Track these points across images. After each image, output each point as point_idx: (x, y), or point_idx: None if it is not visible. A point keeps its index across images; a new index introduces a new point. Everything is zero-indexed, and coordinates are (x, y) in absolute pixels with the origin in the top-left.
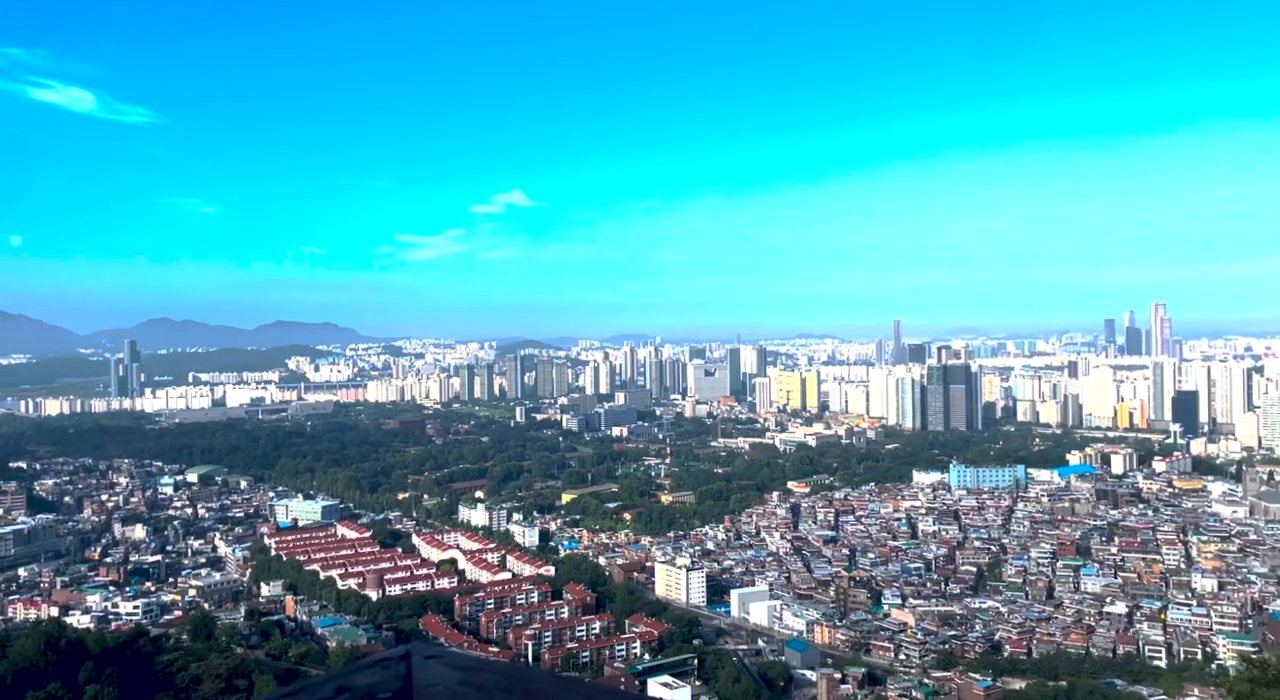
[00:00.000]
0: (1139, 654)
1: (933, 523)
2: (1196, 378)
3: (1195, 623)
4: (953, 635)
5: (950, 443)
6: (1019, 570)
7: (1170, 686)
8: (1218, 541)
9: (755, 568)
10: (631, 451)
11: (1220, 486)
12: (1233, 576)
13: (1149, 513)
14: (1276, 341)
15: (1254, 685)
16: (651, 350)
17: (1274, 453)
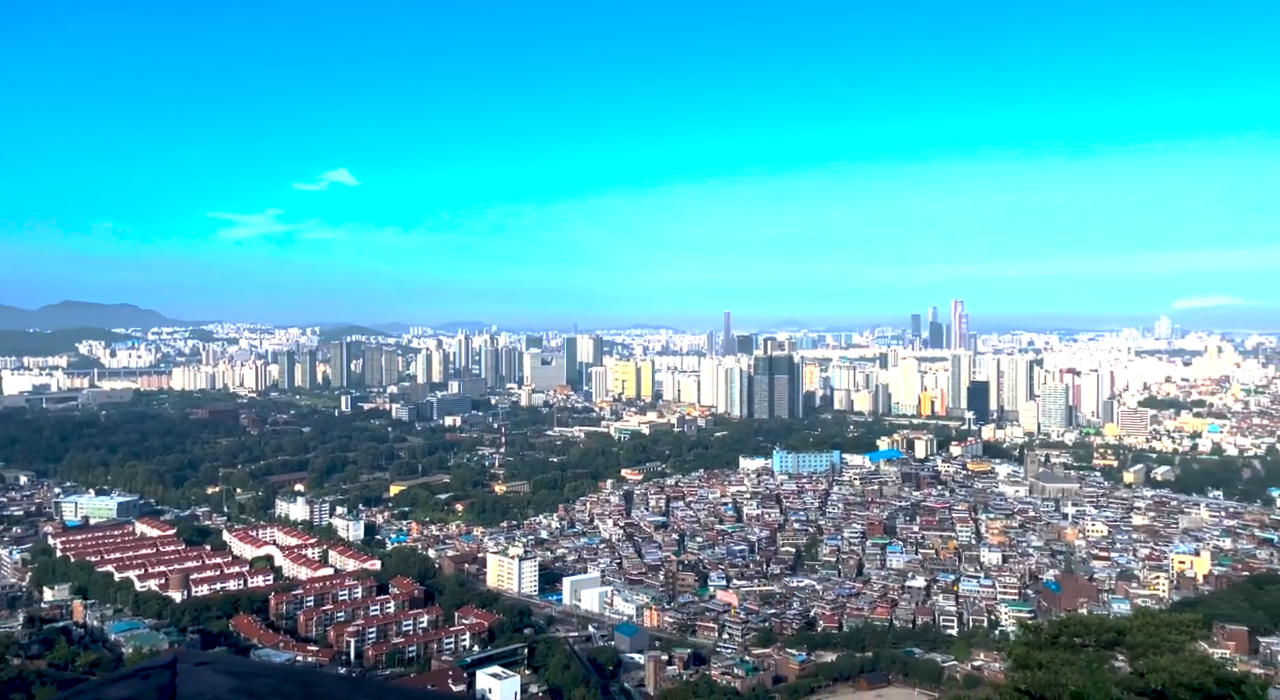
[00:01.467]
0: (935, 623)
1: (757, 507)
2: (988, 370)
3: (982, 593)
4: (772, 613)
5: (774, 430)
6: (833, 550)
7: (960, 652)
8: (1003, 518)
9: (588, 555)
10: (465, 441)
11: (1006, 468)
12: (1014, 550)
13: (946, 493)
14: (1054, 337)
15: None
16: (487, 338)
17: (1051, 437)
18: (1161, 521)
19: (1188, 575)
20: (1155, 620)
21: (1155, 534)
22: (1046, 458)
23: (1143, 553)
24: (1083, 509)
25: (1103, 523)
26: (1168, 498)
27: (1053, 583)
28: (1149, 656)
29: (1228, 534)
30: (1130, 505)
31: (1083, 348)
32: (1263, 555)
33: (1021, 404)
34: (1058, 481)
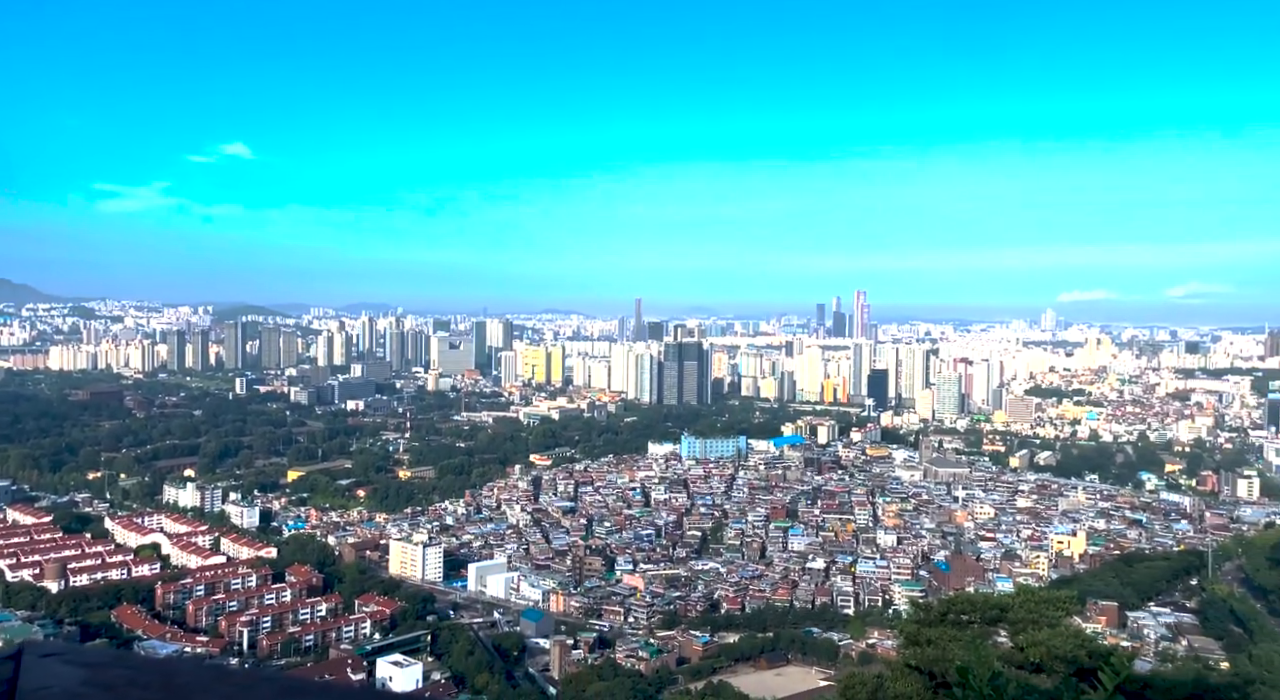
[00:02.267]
0: (833, 603)
1: (664, 491)
2: (887, 358)
3: (878, 574)
4: (677, 596)
5: (683, 416)
6: (738, 533)
7: (856, 631)
8: (898, 502)
9: (495, 541)
10: (368, 426)
11: (903, 454)
12: (909, 532)
13: (846, 478)
14: (949, 327)
15: (919, 626)
16: (392, 320)
17: (945, 424)
18: (1043, 504)
19: (1065, 554)
20: (1035, 597)
21: (1037, 516)
22: (940, 443)
23: (1025, 533)
24: (972, 492)
25: (990, 505)
26: (1049, 481)
27: (943, 563)
28: (1028, 632)
29: (1102, 515)
30: (1015, 488)
31: (975, 338)
32: (1132, 535)
33: (918, 392)
34: (950, 466)
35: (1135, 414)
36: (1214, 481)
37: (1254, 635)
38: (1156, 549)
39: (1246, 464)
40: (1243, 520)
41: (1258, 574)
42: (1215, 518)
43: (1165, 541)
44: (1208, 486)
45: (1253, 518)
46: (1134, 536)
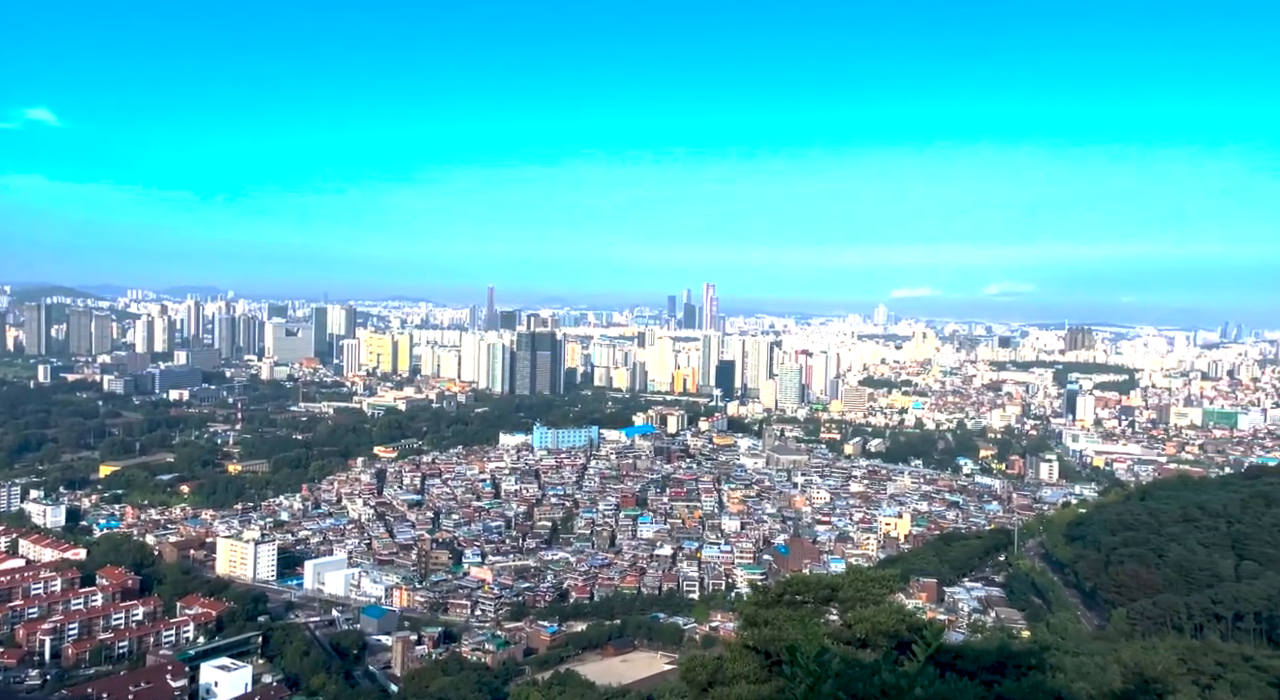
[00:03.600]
0: (679, 589)
1: (515, 482)
2: (734, 350)
3: (722, 558)
4: (526, 587)
5: (535, 406)
6: (588, 522)
7: (700, 615)
8: (742, 488)
9: (335, 536)
10: (194, 417)
11: (747, 442)
12: (751, 517)
13: (694, 466)
14: (791, 320)
15: (757, 607)
16: (222, 305)
17: (787, 413)
18: (874, 488)
19: (892, 535)
20: (863, 577)
21: (868, 499)
22: (782, 432)
23: (857, 516)
24: (810, 478)
25: (826, 490)
26: (879, 467)
27: (782, 546)
28: (856, 609)
29: (925, 498)
30: (849, 474)
31: (815, 331)
32: (951, 516)
33: (762, 382)
34: (791, 454)
35: (955, 403)
36: (1021, 465)
37: (1051, 605)
38: (971, 528)
39: (1048, 449)
40: (1044, 501)
41: (1056, 549)
42: (1021, 499)
43: (979, 521)
44: (1015, 470)
45: (1052, 498)
46: (952, 517)
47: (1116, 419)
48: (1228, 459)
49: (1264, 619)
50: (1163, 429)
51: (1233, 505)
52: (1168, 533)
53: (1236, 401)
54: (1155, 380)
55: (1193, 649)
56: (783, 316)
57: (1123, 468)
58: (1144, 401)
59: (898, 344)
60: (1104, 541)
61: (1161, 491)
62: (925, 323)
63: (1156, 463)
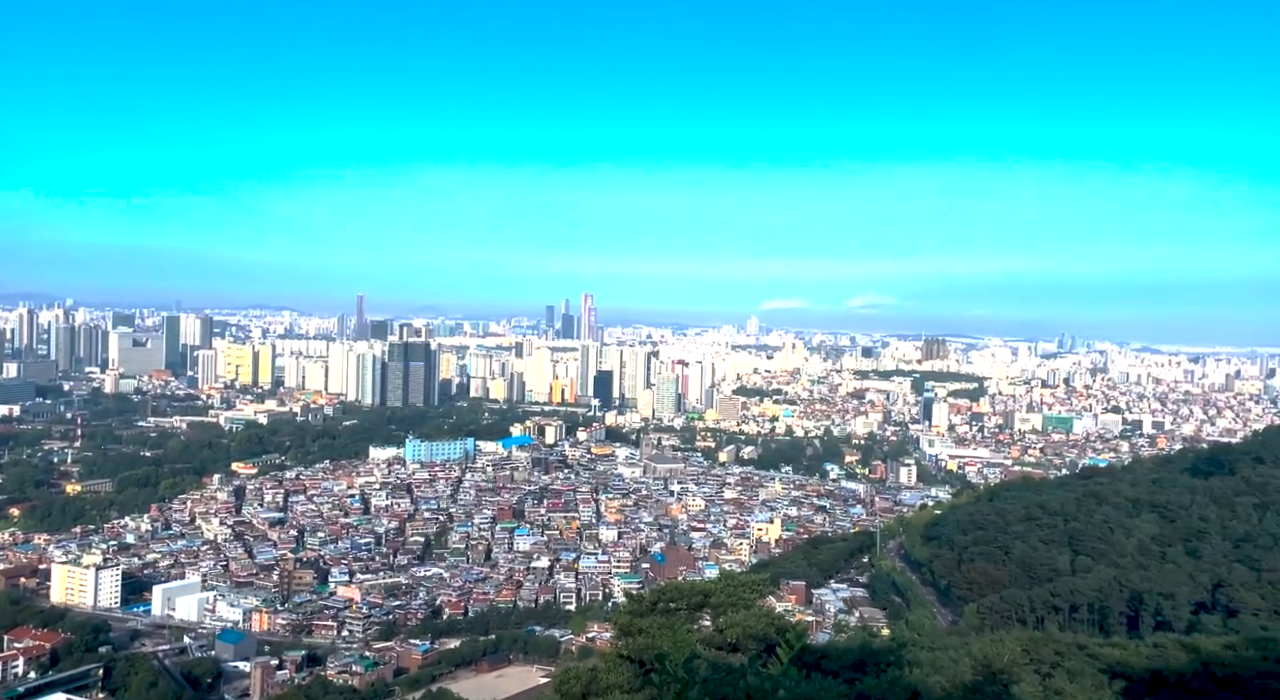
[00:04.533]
0: (556, 601)
1: (386, 497)
2: (612, 360)
3: (599, 568)
4: (397, 605)
5: (408, 418)
6: (463, 536)
7: (577, 626)
8: (620, 498)
9: (187, 559)
10: (26, 434)
11: (625, 451)
12: (629, 526)
13: (572, 476)
14: (668, 331)
15: (632, 616)
16: (59, 313)
17: (664, 422)
18: (747, 495)
19: (764, 540)
20: (734, 582)
21: (741, 505)
22: (659, 441)
23: (731, 523)
24: (686, 486)
25: (701, 497)
26: (752, 474)
27: (659, 554)
28: (728, 614)
29: (794, 503)
30: (723, 481)
31: (691, 341)
32: (818, 520)
33: (640, 392)
34: (667, 462)
35: (822, 411)
36: (882, 470)
37: (910, 603)
38: (837, 531)
39: (907, 454)
40: (903, 503)
41: (914, 549)
42: (883, 502)
43: (844, 524)
44: (878, 474)
45: (911, 500)
46: (820, 521)
47: (968, 424)
48: (1064, 461)
49: (1096, 610)
50: (1008, 433)
51: (1069, 504)
52: (1013, 531)
53: (1071, 407)
54: (1002, 388)
55: (1035, 640)
56: (660, 327)
57: (973, 471)
58: (992, 408)
59: (769, 354)
60: (957, 541)
61: (1007, 492)
62: (795, 334)
63: (1003, 465)
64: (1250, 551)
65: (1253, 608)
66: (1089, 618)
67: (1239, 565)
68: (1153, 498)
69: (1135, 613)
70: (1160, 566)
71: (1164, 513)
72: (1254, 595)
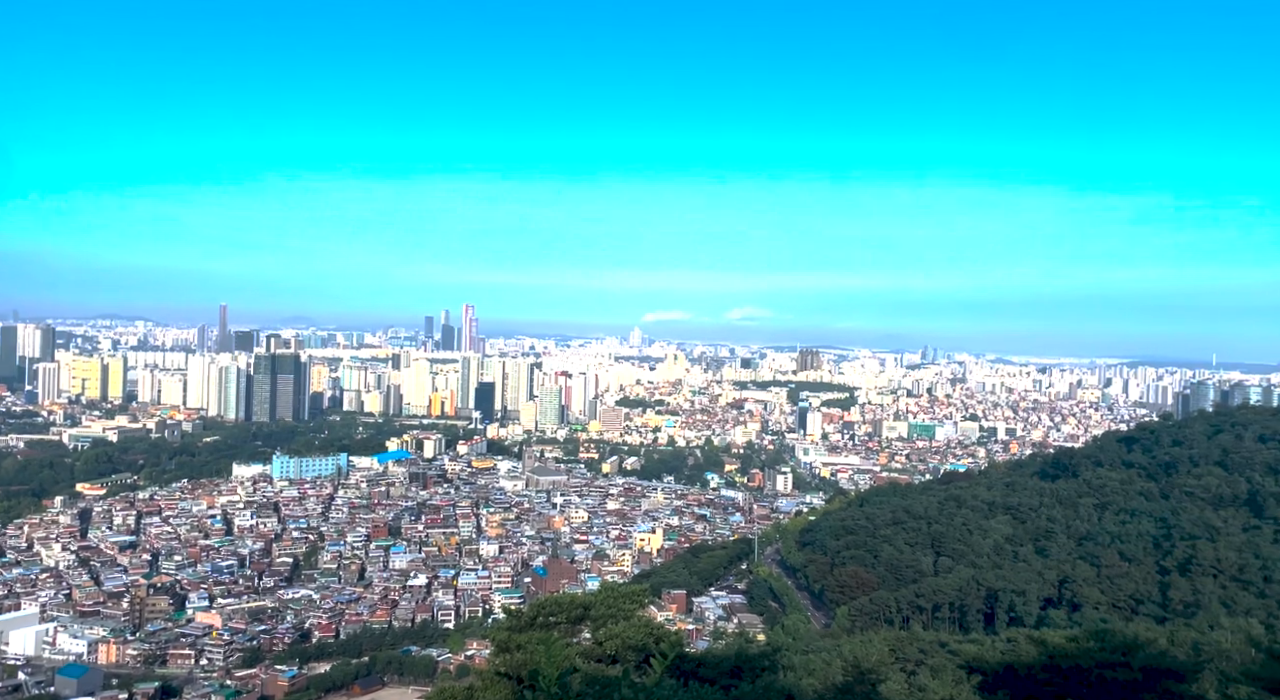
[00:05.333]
0: (433, 619)
1: (251, 517)
2: (494, 372)
3: (479, 584)
4: (262, 630)
5: (276, 434)
6: (335, 556)
7: (455, 644)
8: (501, 511)
9: (24, 588)
10: None
11: (507, 464)
12: (510, 540)
13: (451, 491)
14: (551, 342)
15: (510, 632)
16: None
17: (546, 434)
18: (629, 505)
19: (646, 550)
20: (614, 593)
21: (624, 516)
22: (542, 453)
23: (614, 533)
24: (569, 498)
25: (584, 509)
26: (635, 484)
27: (541, 568)
28: (607, 626)
29: (676, 513)
30: (606, 492)
31: (575, 353)
32: (700, 529)
33: (523, 404)
34: (550, 474)
35: (703, 421)
36: (760, 478)
37: (786, 608)
38: (718, 539)
39: (784, 462)
40: (780, 510)
41: (790, 555)
42: (761, 509)
43: (724, 532)
44: (756, 482)
45: (787, 507)
46: (701, 530)
47: (840, 433)
48: (928, 466)
49: (956, 608)
50: (877, 441)
51: (932, 508)
52: (881, 535)
53: (934, 415)
54: (871, 397)
55: (901, 639)
56: (543, 338)
57: (845, 477)
58: (862, 417)
59: (652, 365)
60: (829, 546)
61: (876, 498)
62: (677, 345)
63: (873, 471)
64: (1091, 549)
65: (1093, 602)
66: (950, 616)
67: (1081, 562)
68: (1006, 500)
69: (991, 610)
70: (1013, 565)
71: (1016, 514)
72: (1094, 590)
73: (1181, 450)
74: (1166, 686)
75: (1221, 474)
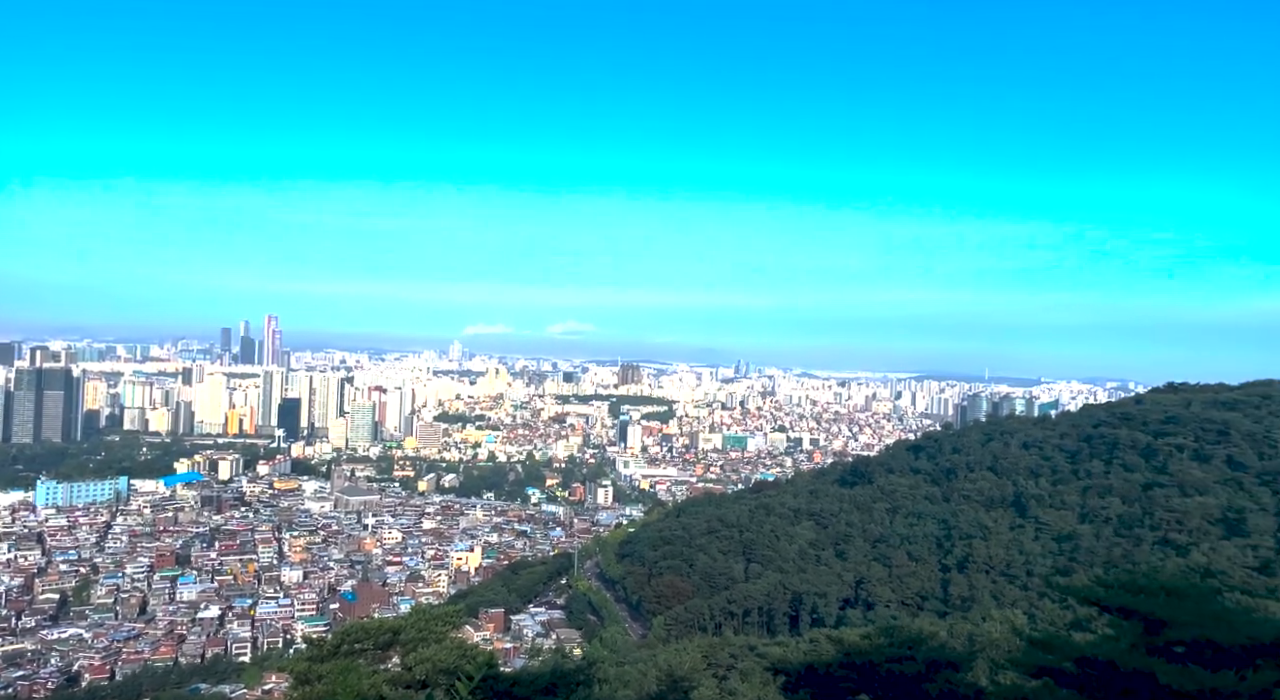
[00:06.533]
0: (227, 653)
1: (8, 550)
2: (301, 387)
3: (280, 614)
4: (20, 676)
5: (42, 456)
6: (111, 589)
7: (250, 679)
8: (306, 535)
9: None
10: None
11: (314, 485)
12: (316, 565)
13: (250, 515)
14: (364, 356)
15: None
16: None
17: (358, 452)
18: (447, 524)
19: (463, 570)
20: (425, 616)
21: (441, 535)
22: (353, 472)
23: (430, 554)
24: (382, 519)
25: (398, 530)
26: (453, 502)
27: (350, 593)
28: (418, 650)
29: (495, 530)
30: (422, 511)
31: (390, 367)
32: (520, 545)
33: (332, 420)
34: (361, 494)
35: (525, 436)
36: (582, 492)
37: (604, 621)
38: (538, 555)
39: (605, 475)
40: (601, 523)
41: (609, 568)
42: (581, 523)
43: (545, 548)
44: (577, 496)
45: (607, 520)
46: (521, 546)
47: (659, 445)
48: (740, 476)
49: (764, 612)
50: (694, 453)
51: (743, 516)
52: (696, 544)
53: (746, 427)
54: (688, 410)
55: (713, 646)
56: (355, 352)
57: (663, 489)
58: (679, 429)
59: (472, 379)
60: (647, 557)
61: (693, 508)
62: (498, 359)
63: (689, 483)
64: (884, 550)
65: (885, 600)
66: (759, 620)
67: (876, 563)
68: (810, 507)
69: (796, 612)
70: (816, 569)
71: (819, 520)
72: (886, 589)
73: (959, 457)
74: (946, 676)
75: (992, 478)
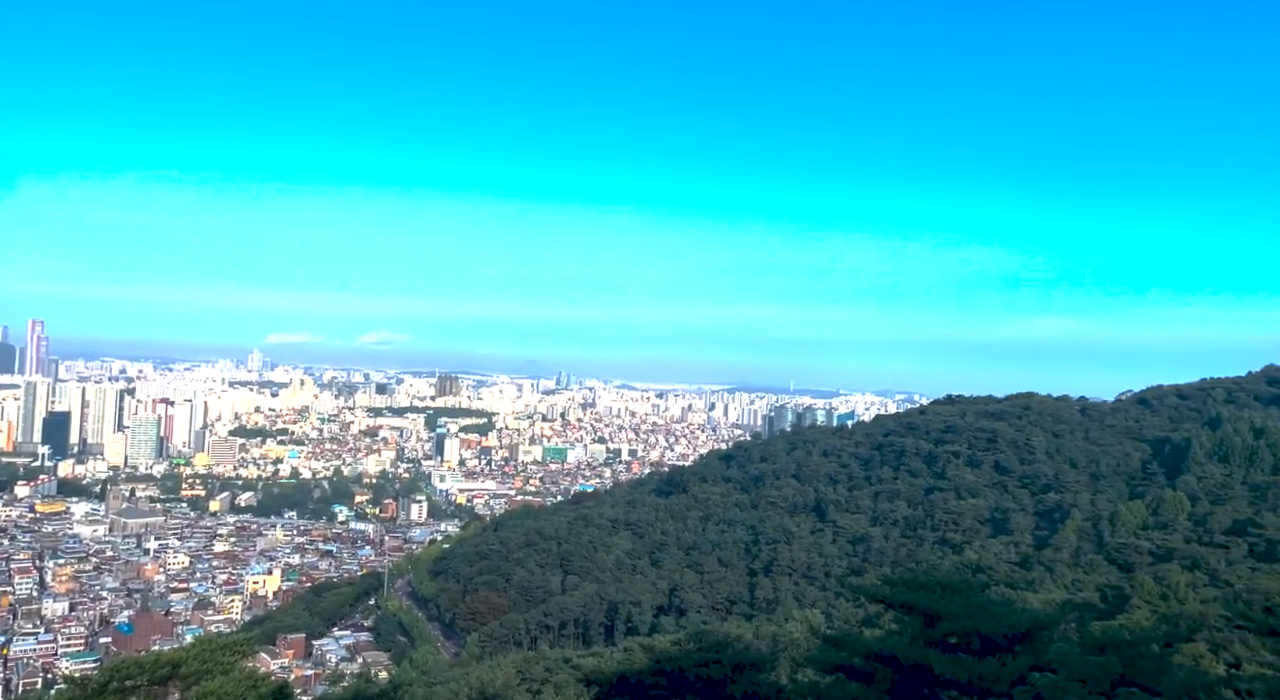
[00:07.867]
0: None
1: None
2: (72, 399)
3: (41, 651)
4: None
5: None
6: None
7: None
8: (75, 562)
9: None
10: None
11: (85, 507)
12: (86, 595)
13: (6, 541)
14: (149, 365)
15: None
16: None
17: (139, 470)
18: (242, 546)
19: (260, 594)
20: (210, 646)
21: (235, 558)
22: (132, 492)
23: (221, 579)
24: (166, 542)
25: (185, 554)
26: (249, 522)
27: (126, 625)
28: (202, 683)
29: (297, 550)
30: (214, 533)
31: (179, 377)
32: (324, 566)
33: (109, 436)
34: (142, 516)
35: (333, 451)
36: (394, 508)
37: (415, 641)
38: (345, 576)
39: (419, 490)
40: (414, 540)
41: (422, 586)
42: (393, 540)
43: (352, 568)
44: (389, 513)
45: (421, 537)
46: (325, 567)
47: (478, 458)
48: (560, 488)
49: (580, 623)
50: (514, 465)
51: (562, 528)
52: (514, 558)
53: (566, 438)
54: (508, 422)
55: (528, 660)
56: (139, 361)
57: (481, 502)
58: (499, 442)
59: (274, 391)
60: (463, 573)
61: (511, 521)
62: (304, 369)
63: (508, 496)
64: (697, 557)
65: (697, 606)
66: (575, 631)
67: (689, 570)
68: (628, 517)
69: (612, 622)
70: (631, 578)
71: (636, 530)
72: (698, 595)
73: (767, 465)
74: (750, 677)
75: (796, 485)
